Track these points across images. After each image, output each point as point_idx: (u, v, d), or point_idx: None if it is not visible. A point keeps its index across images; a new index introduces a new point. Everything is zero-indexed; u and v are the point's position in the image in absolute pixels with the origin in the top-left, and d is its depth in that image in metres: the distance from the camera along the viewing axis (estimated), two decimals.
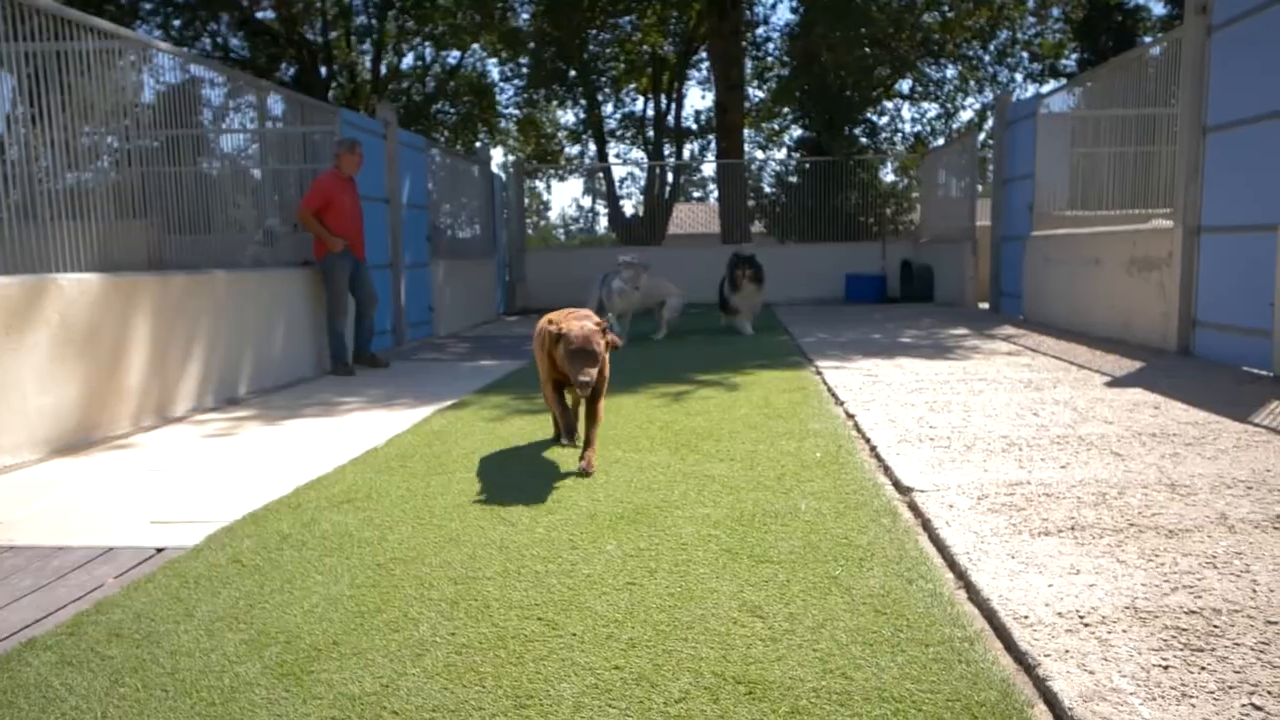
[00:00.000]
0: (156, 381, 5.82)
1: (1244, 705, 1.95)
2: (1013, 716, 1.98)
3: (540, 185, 39.99)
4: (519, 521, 3.50)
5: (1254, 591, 2.55)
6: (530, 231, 31.28)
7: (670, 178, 26.23)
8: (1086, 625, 2.39)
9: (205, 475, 4.42)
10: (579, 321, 4.16)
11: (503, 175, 17.23)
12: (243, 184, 8.27)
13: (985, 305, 13.34)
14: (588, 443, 4.26)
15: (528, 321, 13.80)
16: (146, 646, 2.48)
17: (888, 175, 23.10)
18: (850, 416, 5.34)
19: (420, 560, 3.11)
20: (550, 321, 4.24)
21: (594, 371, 3.99)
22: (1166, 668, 2.14)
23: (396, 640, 2.49)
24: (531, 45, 23.36)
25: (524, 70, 25.46)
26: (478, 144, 24.74)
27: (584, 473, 4.09)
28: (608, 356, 4.27)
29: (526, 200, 23.65)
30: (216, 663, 2.37)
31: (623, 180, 30.23)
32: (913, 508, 3.54)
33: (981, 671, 2.19)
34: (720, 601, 2.67)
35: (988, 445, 4.41)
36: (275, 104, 9.05)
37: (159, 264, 6.30)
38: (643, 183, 28.52)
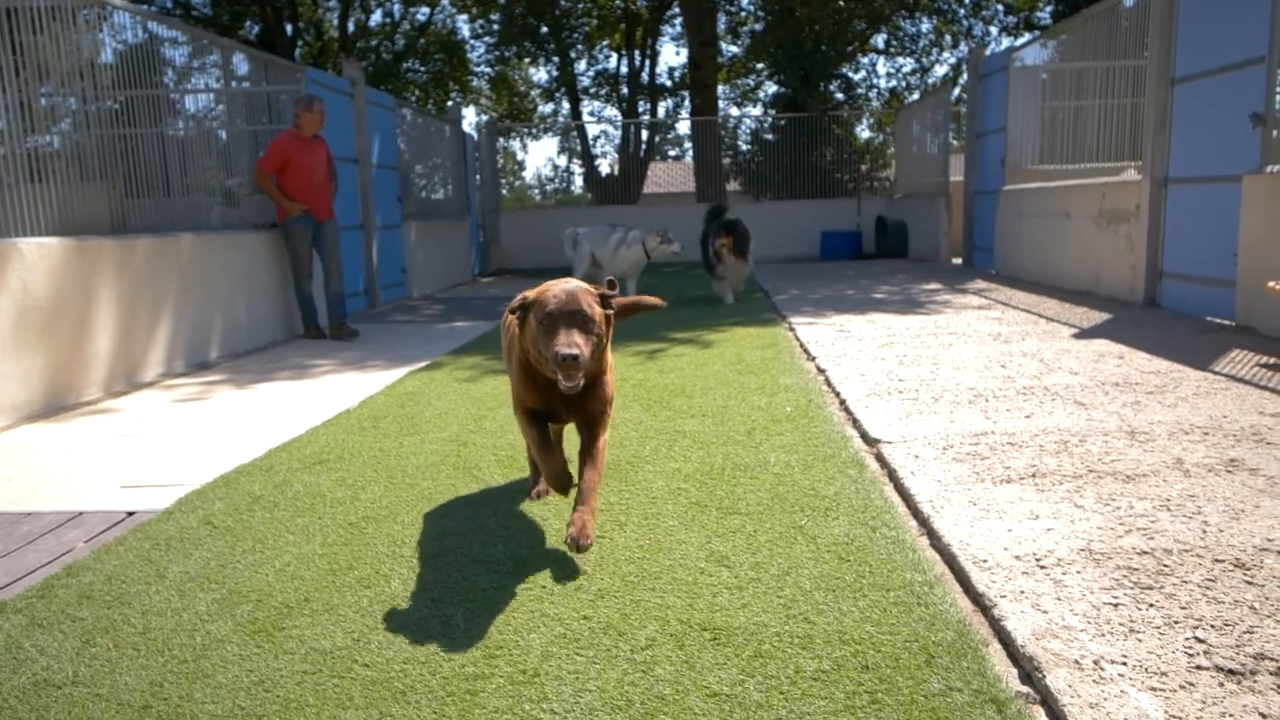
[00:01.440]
0: (125, 346, 5.76)
1: (1188, 639, 2.02)
2: (967, 655, 2.04)
3: (515, 145, 39.54)
4: (491, 479, 3.52)
5: (1204, 532, 2.63)
6: (505, 192, 30.97)
7: (645, 136, 26.00)
8: (1042, 567, 2.46)
9: (176, 439, 4.40)
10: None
11: (475, 135, 17.00)
12: (207, 146, 8.12)
13: (958, 260, 13.42)
14: (580, 497, 2.62)
15: (503, 283, 13.74)
16: (117, 607, 2.50)
17: (863, 132, 23.05)
18: (821, 371, 5.39)
19: (392, 519, 3.13)
20: (523, 302, 2.68)
21: (582, 343, 2.48)
22: (1116, 605, 2.21)
23: (368, 596, 2.52)
24: (502, 1, 22.93)
25: (495, 27, 25.03)
26: (449, 103, 24.36)
27: (575, 545, 2.53)
28: (609, 340, 2.73)
29: (500, 160, 23.38)
30: (188, 622, 2.39)
31: (596, 138, 29.93)
32: (879, 459, 3.60)
33: (939, 613, 2.25)
34: (688, 552, 2.72)
35: (955, 397, 4.47)
36: (240, 63, 8.87)
37: (122, 228, 6.20)
38: (617, 141, 28.26)
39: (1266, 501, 2.84)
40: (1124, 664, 1.93)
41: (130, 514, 3.30)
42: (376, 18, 26.18)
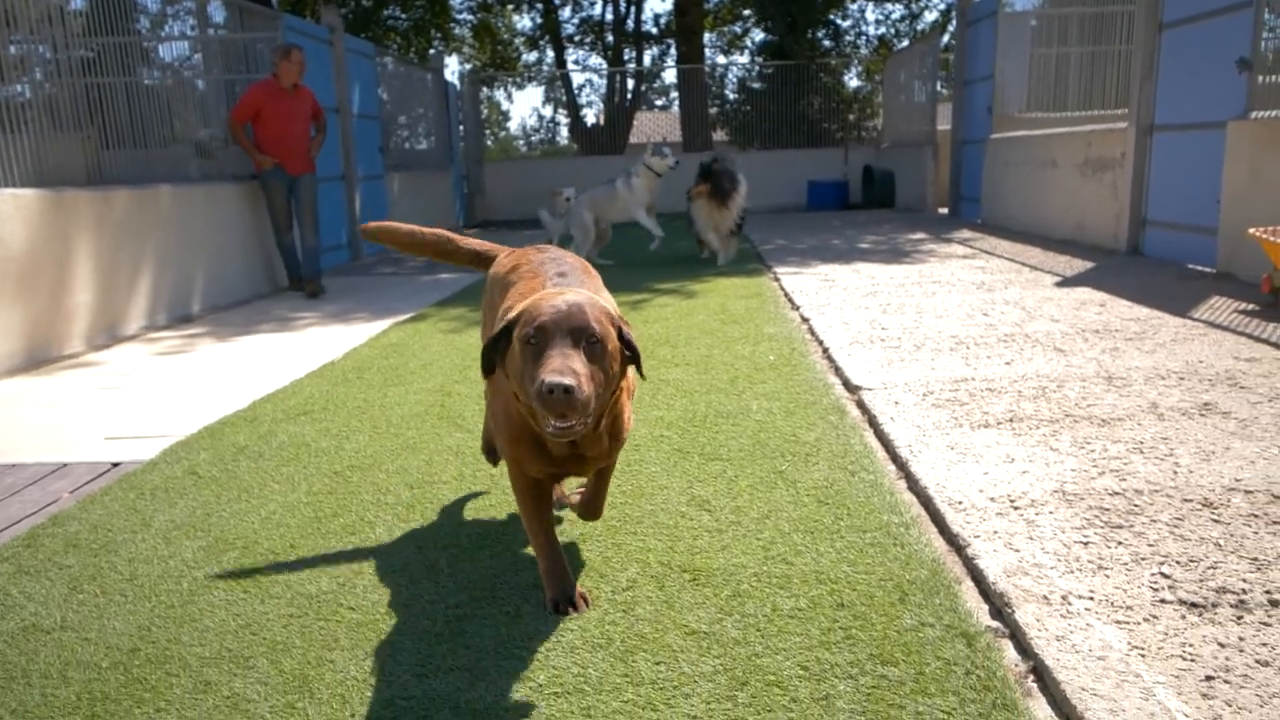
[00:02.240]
0: (105, 299, 5.72)
1: (1153, 574, 2.08)
2: (940, 592, 2.09)
3: (499, 95, 38.94)
4: (475, 428, 3.54)
5: (1175, 473, 2.68)
6: (489, 143, 30.57)
7: (631, 85, 25.65)
8: (1016, 508, 2.51)
9: (160, 391, 4.40)
10: (556, 268, 2.20)
11: (458, 84, 16.73)
12: (184, 95, 7.97)
13: (945, 210, 13.39)
14: (596, 509, 2.37)
15: (488, 234, 13.64)
16: (104, 555, 2.52)
17: (851, 80, 22.78)
18: (805, 320, 5.41)
19: (377, 467, 3.15)
20: (508, 272, 2.30)
21: (581, 370, 1.74)
22: (1087, 544, 2.26)
23: (353, 542, 2.55)
24: None
25: None
26: (431, 51, 23.90)
27: (573, 510, 2.43)
28: (627, 389, 2.07)
29: (484, 110, 23.03)
30: (175, 569, 2.42)
31: (581, 88, 29.51)
32: (860, 405, 3.64)
33: (914, 553, 2.30)
34: (670, 497, 2.75)
35: (936, 345, 4.51)
36: (215, 10, 8.66)
37: (99, 179, 6.11)
38: (603, 90, 27.87)
39: (1237, 443, 2.90)
40: (1091, 599, 1.99)
41: (115, 465, 3.31)
42: None
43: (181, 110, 7.76)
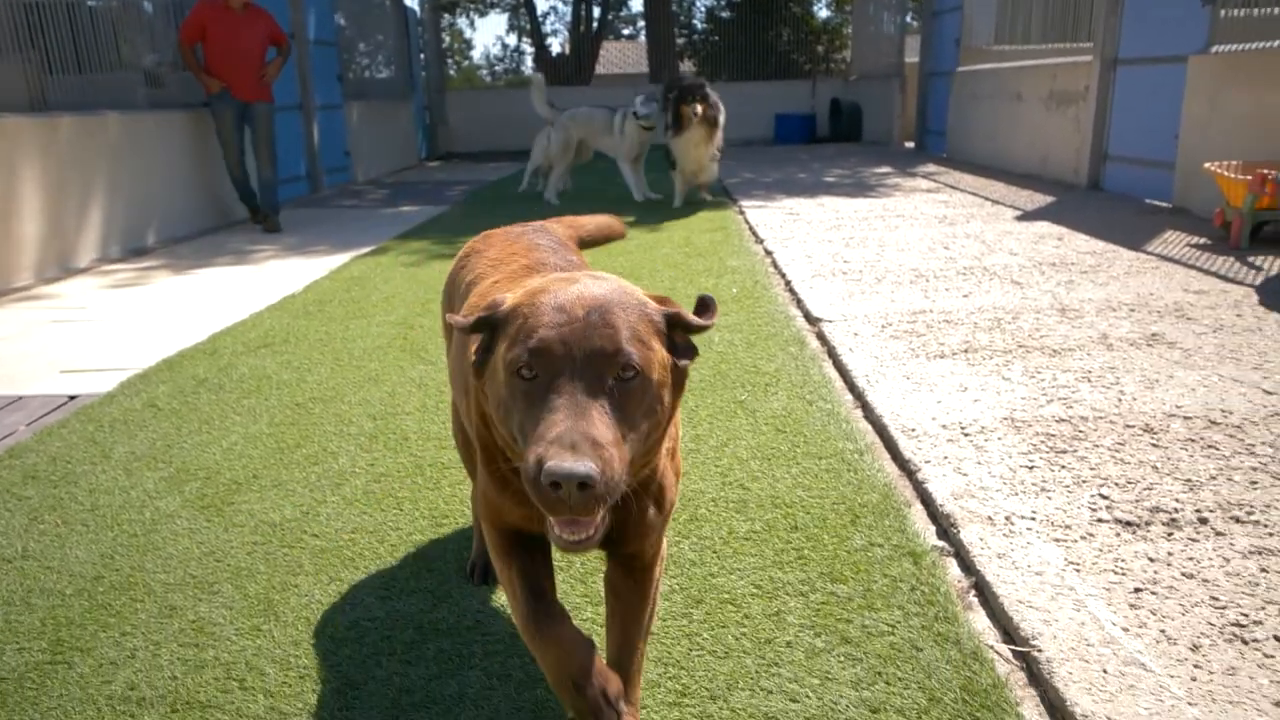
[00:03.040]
0: (55, 230, 5.57)
1: (1093, 496, 2.16)
2: (890, 515, 2.16)
3: (461, 22, 37.83)
4: (438, 360, 3.54)
5: (1119, 400, 2.77)
6: (452, 73, 29.77)
7: (597, 13, 25.02)
8: (966, 435, 2.58)
9: (115, 324, 4.33)
10: (554, 253, 1.76)
11: (418, 10, 16.21)
12: (130, 18, 7.65)
13: (911, 144, 13.38)
14: (624, 688, 1.36)
15: (451, 167, 13.41)
16: (64, 486, 2.51)
17: (821, 10, 22.43)
18: (769, 254, 5.43)
19: (339, 399, 3.15)
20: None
21: (609, 441, 1.08)
22: (1032, 468, 2.34)
23: (316, 472, 2.56)
24: None
25: None
26: None
27: None
28: (678, 412, 1.36)
29: (446, 38, 22.38)
30: (136, 499, 2.43)
31: (546, 15, 28.76)
32: (820, 337, 3.69)
33: (867, 478, 2.37)
34: None
35: (897, 278, 4.56)
36: None
37: (42, 106, 5.89)
38: (568, 19, 27.17)
39: (1180, 372, 2.99)
40: (1032, 519, 2.07)
41: (72, 398, 3.27)
42: None
43: (128, 34, 7.46)
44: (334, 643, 1.77)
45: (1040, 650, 1.60)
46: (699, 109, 7.24)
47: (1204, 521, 2.01)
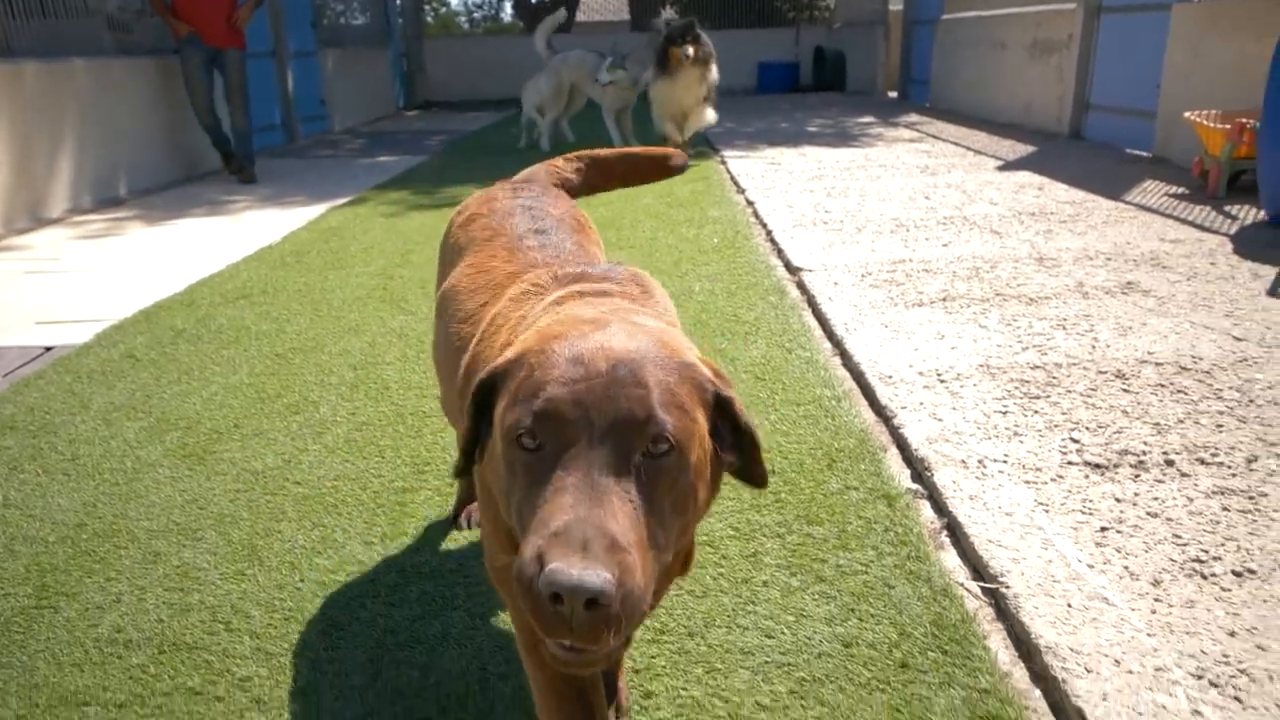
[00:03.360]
0: (24, 180, 5.46)
1: (1064, 439, 2.21)
2: (866, 459, 2.20)
3: None
4: (418, 310, 3.54)
5: (1093, 347, 2.81)
6: (430, 19, 29.14)
7: None
8: (942, 381, 2.62)
9: (90, 276, 4.28)
10: (530, 220, 1.55)
11: None
12: None
13: (894, 94, 13.28)
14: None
15: (429, 116, 13.20)
16: (43, 436, 2.51)
17: None
18: (750, 204, 5.42)
19: (319, 349, 3.15)
20: (460, 229, 1.63)
21: (630, 541, 0.85)
22: (1005, 413, 2.38)
23: (297, 421, 2.57)
24: None
25: None
26: None
27: None
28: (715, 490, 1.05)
29: None
30: (117, 449, 2.43)
31: None
32: (800, 286, 3.70)
33: (844, 424, 2.40)
34: None
35: (877, 227, 4.57)
36: None
37: (5, 51, 5.73)
38: None
39: (1153, 319, 3.03)
40: (1005, 462, 2.12)
41: (48, 349, 3.25)
42: None
43: None
44: (318, 586, 1.79)
45: (1008, 587, 1.65)
46: (690, 51, 6.73)
47: (1170, 463, 2.06)
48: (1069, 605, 1.59)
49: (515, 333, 1.14)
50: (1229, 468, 2.03)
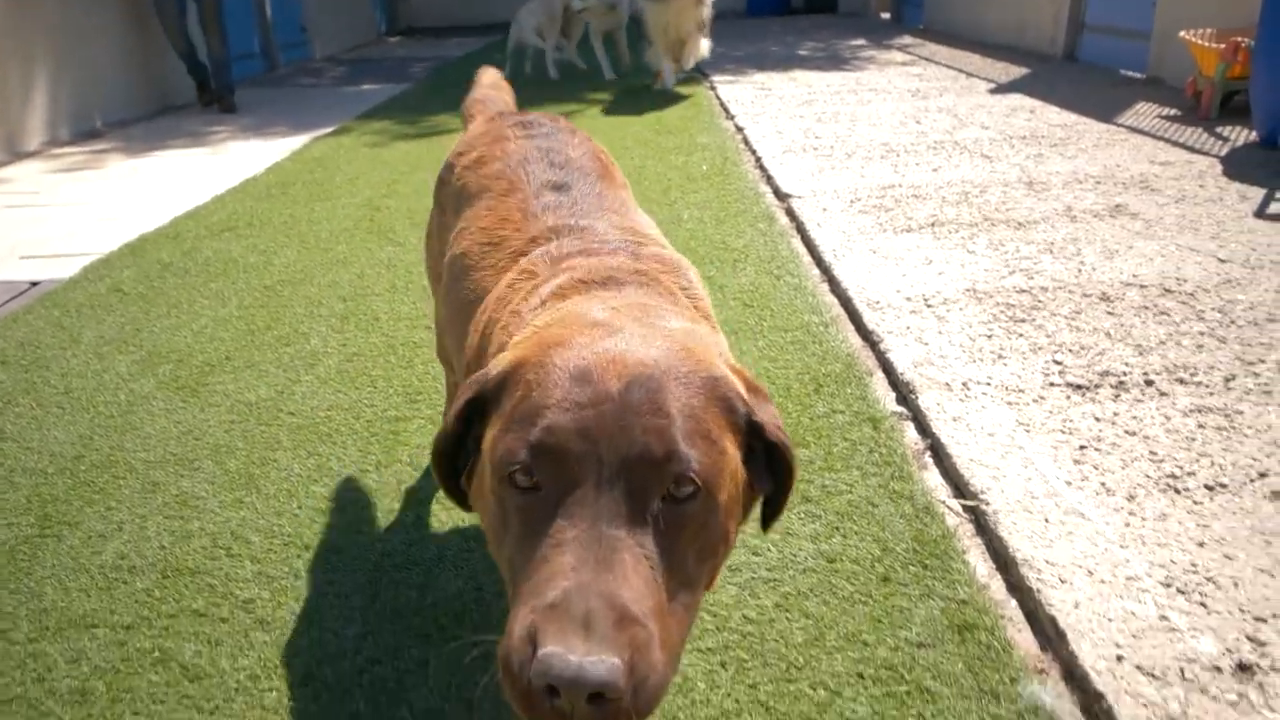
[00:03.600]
0: None
1: (1047, 362, 2.24)
2: (852, 383, 2.23)
3: None
4: (406, 242, 3.52)
5: (1079, 270, 2.83)
6: None
7: None
8: (929, 306, 2.64)
9: (72, 209, 4.22)
10: (547, 171, 1.37)
11: None
12: None
13: (888, 15, 12.98)
14: None
15: (412, 43, 12.87)
16: (35, 371, 2.52)
17: None
18: (739, 130, 5.35)
19: (308, 281, 3.14)
20: (465, 170, 1.49)
21: (645, 612, 0.71)
22: (990, 337, 2.41)
23: (289, 353, 2.58)
24: None
25: None
26: None
27: None
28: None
29: None
30: (110, 382, 2.44)
31: None
32: (789, 213, 3.69)
33: (831, 350, 2.43)
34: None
35: (868, 153, 4.53)
36: None
37: None
38: None
39: (1140, 242, 3.05)
40: (988, 384, 2.15)
41: (34, 284, 3.23)
42: None
43: None
44: (315, 513, 1.83)
45: (988, 504, 1.70)
46: None
47: (1150, 383, 2.10)
48: (1046, 520, 1.64)
49: (508, 334, 1.00)
50: (1207, 387, 2.07)
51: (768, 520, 0.94)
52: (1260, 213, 3.27)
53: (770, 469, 0.89)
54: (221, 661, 1.46)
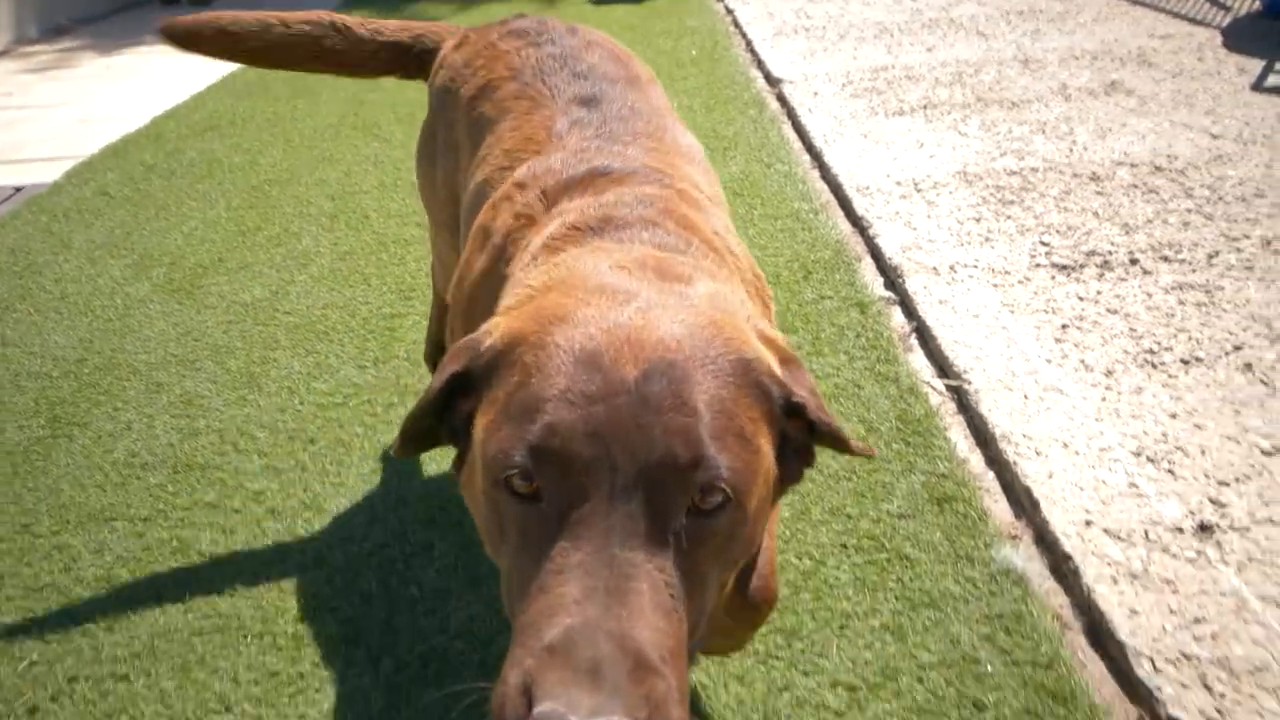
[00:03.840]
0: None
1: (1034, 243, 2.26)
2: (841, 269, 2.26)
3: None
4: (392, 137, 3.47)
5: (1071, 150, 2.81)
6: None
7: None
8: (919, 191, 2.63)
9: (48, 111, 4.14)
10: (573, 83, 1.24)
11: None
12: None
13: None
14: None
15: None
16: (29, 277, 2.53)
17: None
18: (729, 12, 5.19)
19: (295, 180, 3.12)
20: (472, 86, 1.32)
21: (663, 651, 0.61)
22: (979, 220, 2.42)
23: (281, 253, 2.59)
24: None
25: None
26: None
27: None
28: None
29: None
30: (105, 286, 2.46)
31: None
32: (780, 98, 3.63)
33: (821, 236, 2.44)
34: None
35: (860, 33, 4.41)
36: None
37: None
38: None
39: (1133, 120, 3.01)
40: (975, 267, 2.18)
41: (18, 189, 3.20)
42: None
43: None
44: (318, 409, 1.88)
45: (970, 383, 1.75)
46: None
47: (1134, 262, 2.13)
48: (1025, 397, 1.69)
49: (496, 298, 0.86)
50: (1190, 264, 2.10)
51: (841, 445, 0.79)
52: (1258, 85, 3.22)
53: (810, 445, 0.78)
54: (237, 549, 1.53)
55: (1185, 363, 1.74)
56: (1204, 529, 1.35)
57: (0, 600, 1.45)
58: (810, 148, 3.09)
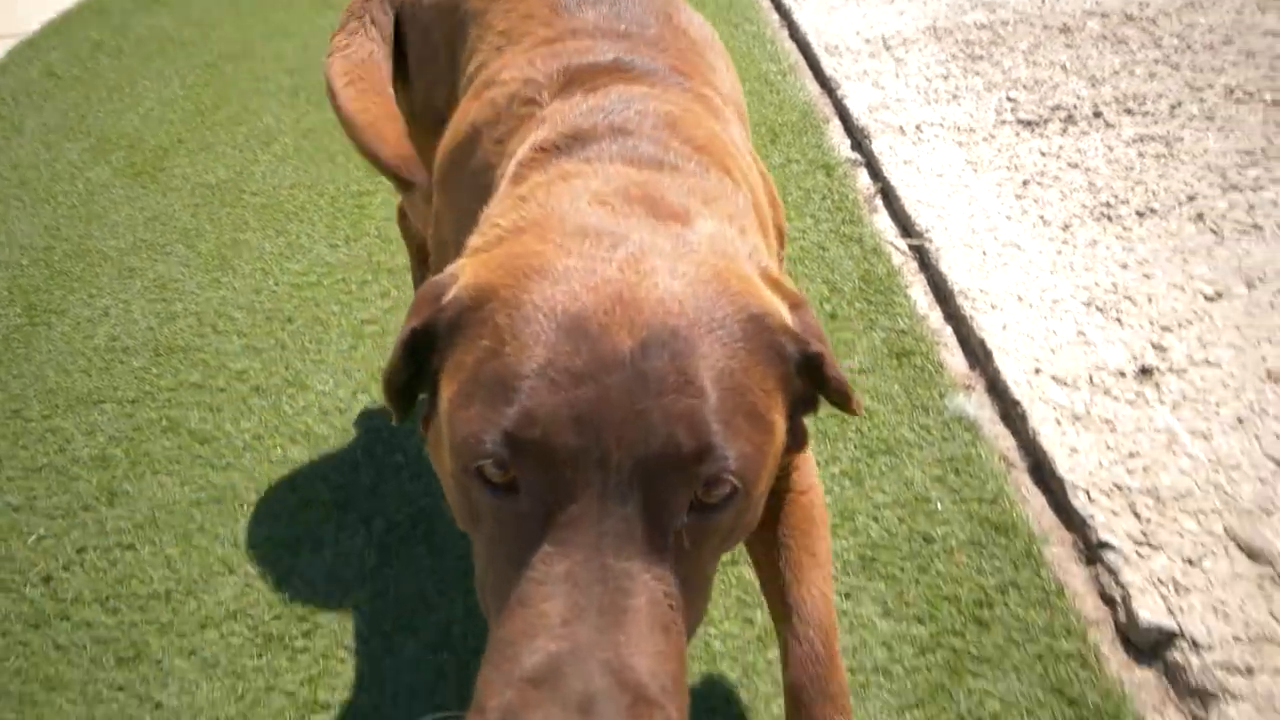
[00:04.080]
0: None
1: (1000, 99, 2.26)
2: (808, 132, 2.25)
3: None
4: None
5: (1042, 1, 2.76)
6: None
7: None
8: (888, 49, 2.60)
9: None
10: None
11: None
12: None
13: None
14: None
15: None
16: None
17: None
18: None
19: (250, 55, 3.02)
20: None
21: (665, 688, 0.53)
22: (946, 77, 2.40)
23: (242, 132, 2.54)
24: None
25: None
26: None
27: None
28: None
29: None
30: (64, 171, 2.42)
31: None
32: None
33: (788, 99, 2.42)
34: None
35: None
36: None
37: None
38: None
39: None
40: (940, 125, 2.18)
41: None
42: None
43: None
44: (293, 288, 1.91)
45: (931, 241, 1.80)
46: None
47: (1098, 115, 2.14)
48: (984, 253, 1.74)
49: (464, 224, 0.73)
50: (1152, 115, 2.11)
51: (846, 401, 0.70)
52: None
53: (814, 399, 0.69)
54: (226, 425, 1.59)
55: (1140, 215, 1.78)
56: (1144, 372, 1.43)
57: (1, 481, 1.51)
58: (779, 6, 3.01)
